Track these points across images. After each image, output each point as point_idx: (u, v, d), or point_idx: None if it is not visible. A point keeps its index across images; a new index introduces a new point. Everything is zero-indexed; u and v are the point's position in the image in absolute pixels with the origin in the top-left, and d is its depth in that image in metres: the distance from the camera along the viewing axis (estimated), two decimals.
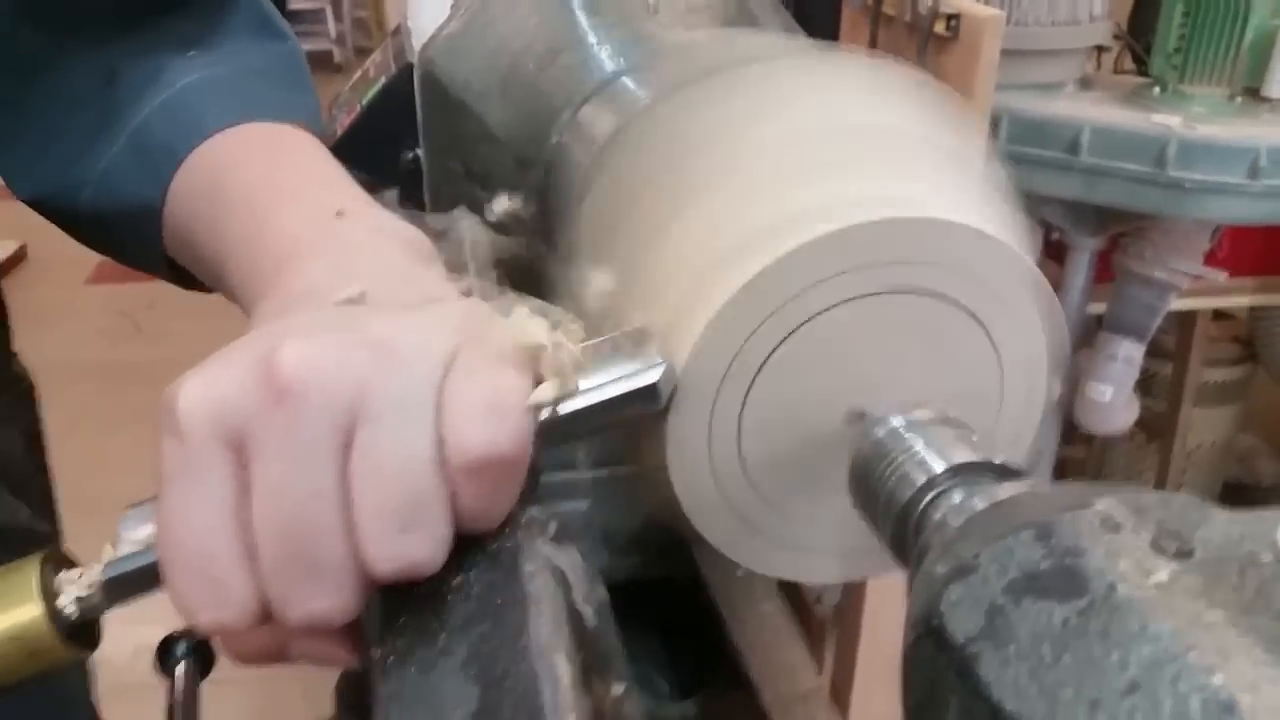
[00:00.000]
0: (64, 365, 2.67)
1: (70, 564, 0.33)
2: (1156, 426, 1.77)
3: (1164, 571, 0.20)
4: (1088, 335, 1.45)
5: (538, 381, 0.32)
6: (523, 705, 0.26)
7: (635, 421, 0.34)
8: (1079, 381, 1.41)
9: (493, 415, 0.29)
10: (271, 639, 0.31)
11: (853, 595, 1.42)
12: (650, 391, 0.32)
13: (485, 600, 0.29)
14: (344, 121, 0.77)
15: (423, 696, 0.28)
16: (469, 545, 0.31)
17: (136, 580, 0.31)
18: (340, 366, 0.28)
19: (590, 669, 0.28)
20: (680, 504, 0.36)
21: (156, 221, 0.48)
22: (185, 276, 0.52)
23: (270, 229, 0.39)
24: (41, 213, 0.53)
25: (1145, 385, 1.81)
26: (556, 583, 0.30)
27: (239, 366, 0.28)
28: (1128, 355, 1.35)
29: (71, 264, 3.49)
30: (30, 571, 0.32)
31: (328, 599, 0.28)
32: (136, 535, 0.31)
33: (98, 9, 0.49)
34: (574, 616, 0.30)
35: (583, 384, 0.32)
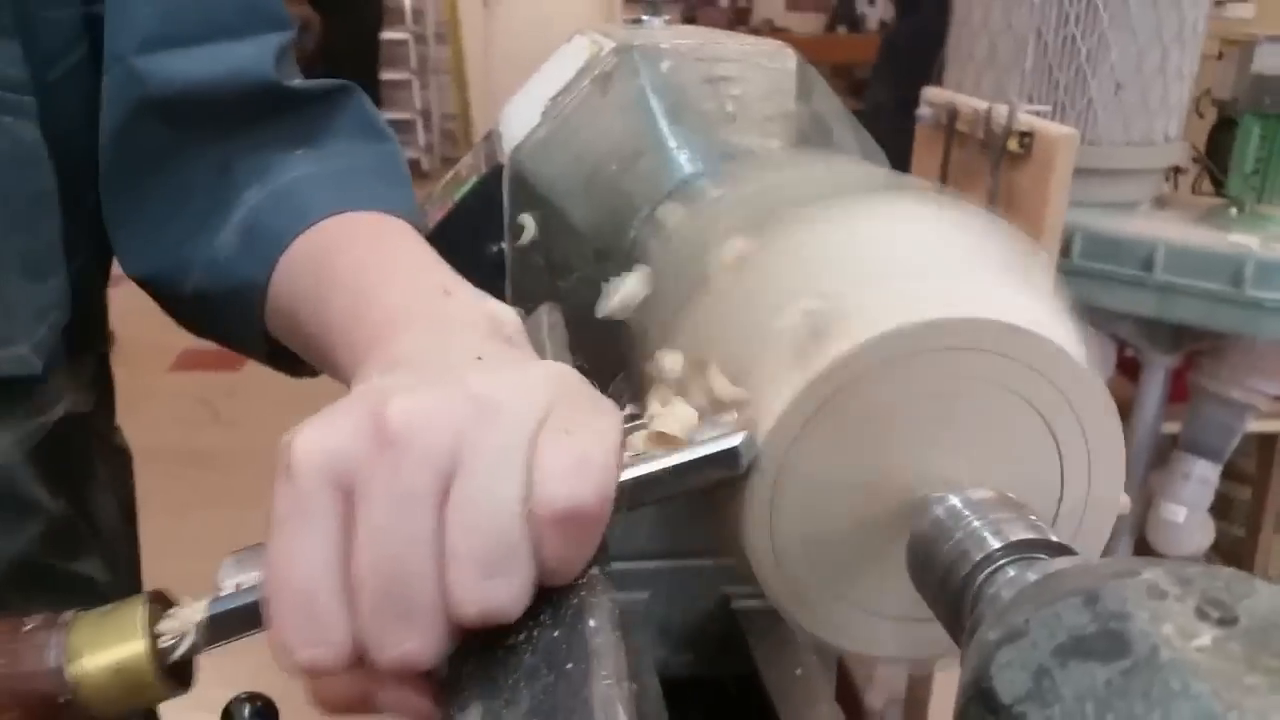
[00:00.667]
0: (142, 449, 2.76)
1: (171, 604, 0.34)
2: (1234, 553, 1.71)
3: (1207, 636, 0.21)
4: (1162, 455, 1.43)
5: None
6: None
7: (709, 488, 0.35)
8: (1152, 501, 1.38)
9: (580, 470, 0.30)
10: (358, 687, 0.32)
11: (913, 718, 1.39)
12: (732, 455, 0.34)
13: (550, 653, 0.31)
14: (436, 216, 0.81)
15: None
16: (536, 599, 0.32)
17: (235, 621, 0.33)
18: (442, 418, 0.30)
19: None
20: (753, 575, 0.37)
21: (260, 301, 0.51)
22: (280, 358, 0.55)
23: (375, 304, 0.41)
24: (148, 291, 0.57)
25: (1223, 509, 1.76)
26: (618, 638, 0.31)
27: (350, 416, 0.30)
28: (1202, 475, 1.33)
29: (157, 350, 3.62)
30: (136, 609, 0.33)
31: (418, 640, 0.30)
32: (235, 580, 0.33)
33: (218, 108, 0.53)
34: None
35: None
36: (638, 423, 0.35)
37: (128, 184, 0.54)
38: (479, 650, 0.32)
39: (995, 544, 0.30)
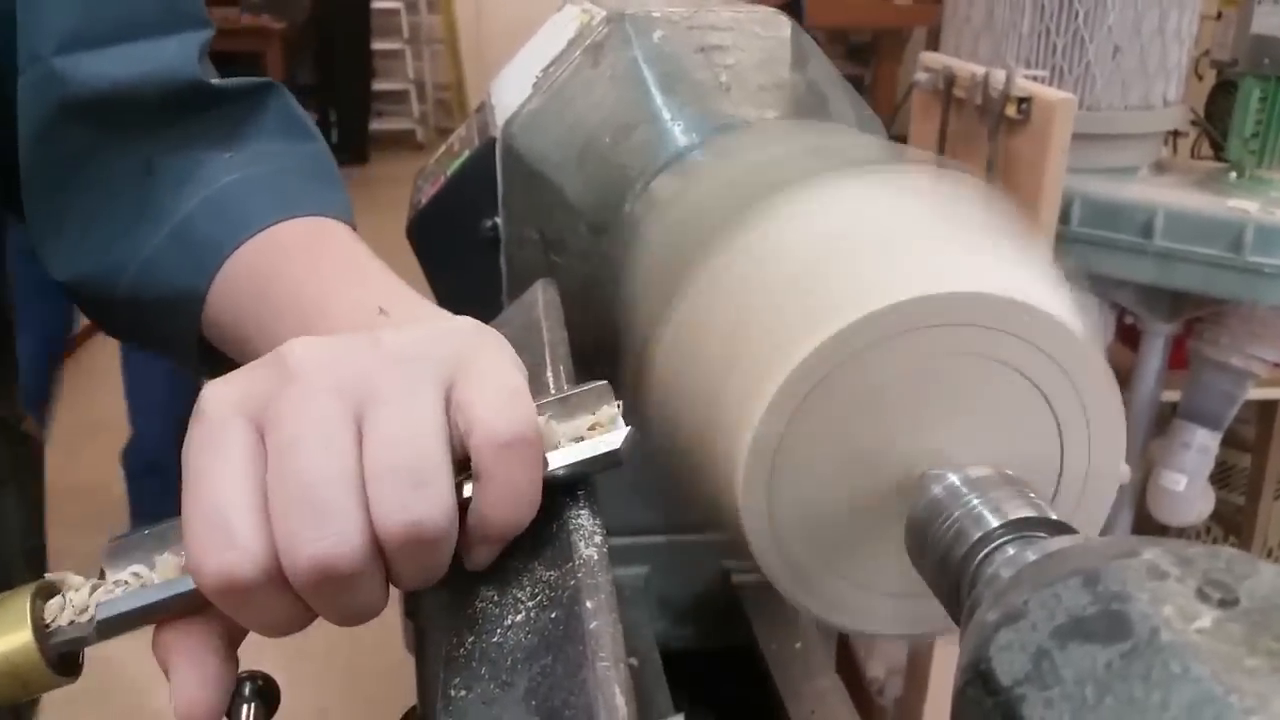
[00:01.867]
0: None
1: (57, 592, 0.34)
2: (1234, 521, 1.72)
3: (1207, 618, 0.21)
4: (1162, 423, 1.43)
5: None
6: None
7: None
8: (1152, 470, 1.38)
9: (513, 401, 0.31)
10: (282, 601, 0.32)
11: (914, 689, 1.39)
12: (614, 457, 0.34)
13: (547, 635, 0.30)
14: (429, 191, 0.81)
15: None
16: (532, 580, 0.32)
17: (124, 622, 0.33)
18: (344, 356, 0.31)
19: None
20: (752, 556, 0.37)
21: (197, 310, 0.50)
22: (211, 363, 0.54)
23: (316, 328, 0.42)
24: (75, 297, 0.55)
25: (1223, 478, 1.77)
26: (616, 620, 0.31)
27: (256, 365, 0.32)
28: (1202, 444, 1.33)
29: None
30: (22, 600, 0.33)
31: (333, 540, 0.29)
32: (124, 569, 0.33)
33: (139, 107, 0.52)
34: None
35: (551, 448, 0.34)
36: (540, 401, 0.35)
37: (50, 186, 0.53)
38: (476, 631, 0.32)
39: (994, 522, 0.30)
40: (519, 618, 0.32)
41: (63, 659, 0.33)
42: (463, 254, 0.74)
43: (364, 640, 1.99)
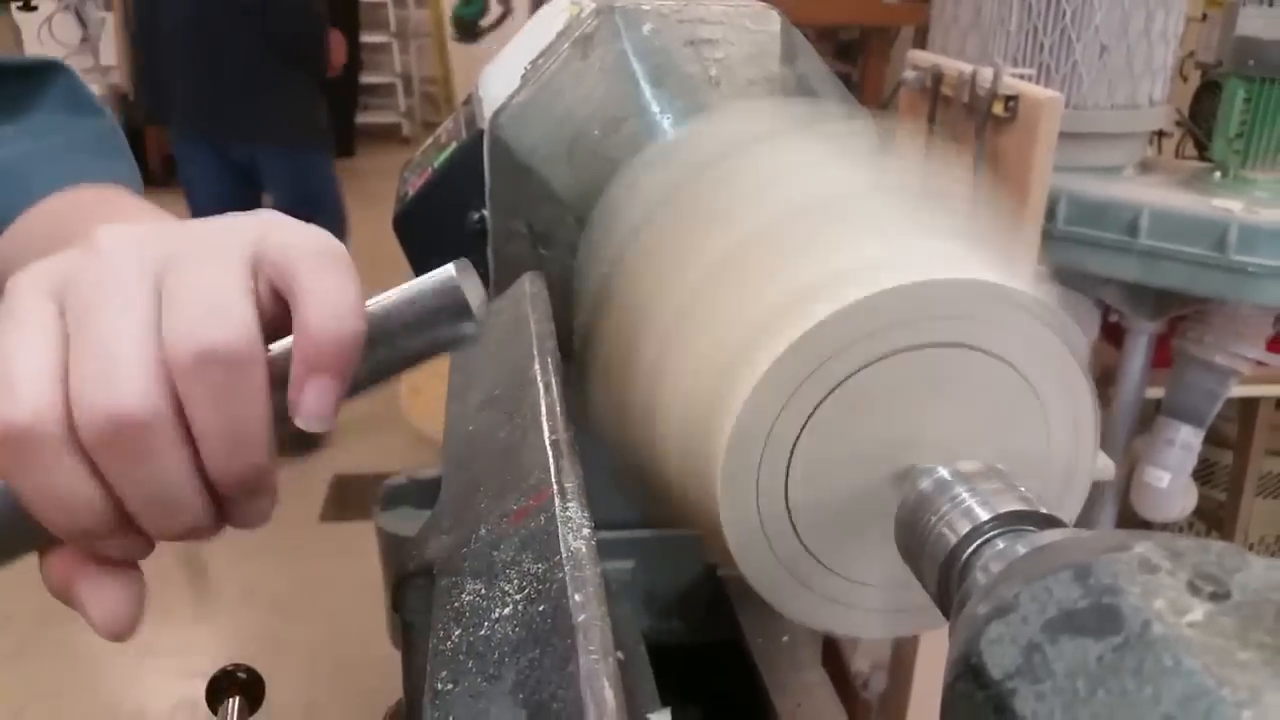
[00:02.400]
0: None
1: None
2: (1216, 517, 1.73)
3: (1199, 611, 0.21)
4: (1145, 420, 1.44)
5: None
6: None
7: (446, 346, 0.33)
8: (1135, 467, 1.39)
9: (318, 232, 0.31)
10: (65, 569, 0.31)
11: (899, 683, 1.40)
12: (454, 292, 0.32)
13: (535, 628, 0.30)
14: (415, 184, 0.80)
15: None
16: (519, 574, 0.32)
17: None
18: (151, 235, 0.31)
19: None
20: (734, 557, 0.37)
21: None
22: None
23: None
24: None
25: (1205, 474, 1.78)
26: (604, 613, 0.30)
27: (60, 254, 0.31)
28: (1186, 441, 1.33)
29: None
30: None
31: (124, 389, 0.28)
32: None
33: None
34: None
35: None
36: None
37: None
38: (463, 624, 0.32)
39: (984, 516, 0.30)
40: (506, 611, 0.32)
41: None
42: (449, 247, 0.74)
43: (350, 634, 1.98)
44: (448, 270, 0.32)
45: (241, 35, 2.76)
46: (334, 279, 0.30)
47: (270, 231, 0.31)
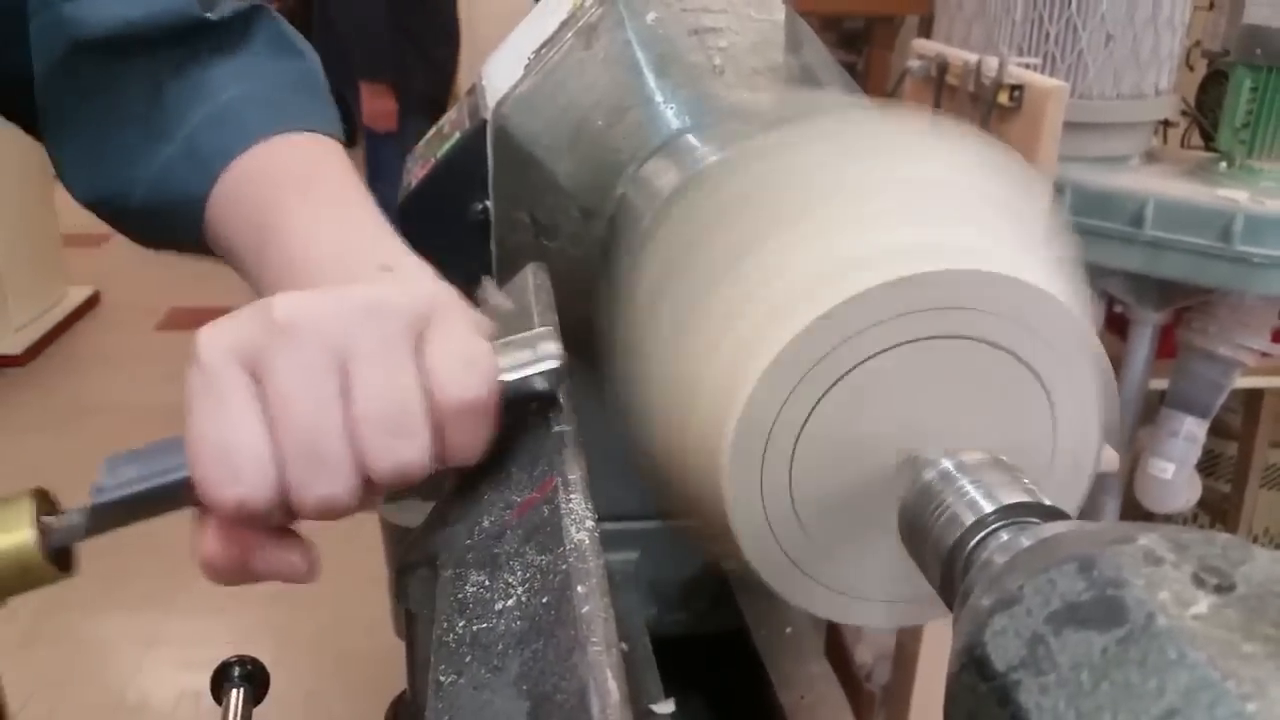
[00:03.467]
0: (132, 407, 2.75)
1: (53, 503, 0.37)
2: (1220, 508, 1.73)
3: (1203, 604, 0.21)
4: (1149, 411, 1.43)
5: None
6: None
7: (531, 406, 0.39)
8: (1140, 458, 1.39)
9: (471, 368, 0.36)
10: (237, 549, 0.36)
11: (902, 674, 1.40)
12: (551, 376, 0.38)
13: (538, 619, 0.30)
14: (418, 173, 0.80)
15: (475, 711, 0.29)
16: (523, 565, 0.32)
17: (119, 511, 0.36)
18: (324, 309, 0.35)
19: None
20: (739, 547, 0.37)
21: (199, 216, 0.54)
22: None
23: (301, 274, 0.45)
24: (97, 213, 0.60)
25: (1209, 466, 1.78)
26: (607, 604, 0.30)
27: (244, 312, 0.35)
28: (1190, 432, 1.33)
29: (144, 310, 3.60)
30: (23, 501, 0.36)
31: (333, 486, 0.34)
32: (118, 475, 0.36)
33: (145, 43, 0.56)
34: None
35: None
36: None
37: (65, 117, 0.57)
38: (467, 616, 0.32)
39: (988, 507, 0.30)
40: (510, 602, 0.32)
41: (59, 554, 0.36)
42: (452, 237, 0.74)
43: (354, 625, 1.99)
44: (547, 372, 0.38)
45: None
46: (471, 427, 0.36)
47: (432, 328, 0.36)
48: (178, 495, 0.35)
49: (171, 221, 0.55)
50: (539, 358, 0.38)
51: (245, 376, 0.34)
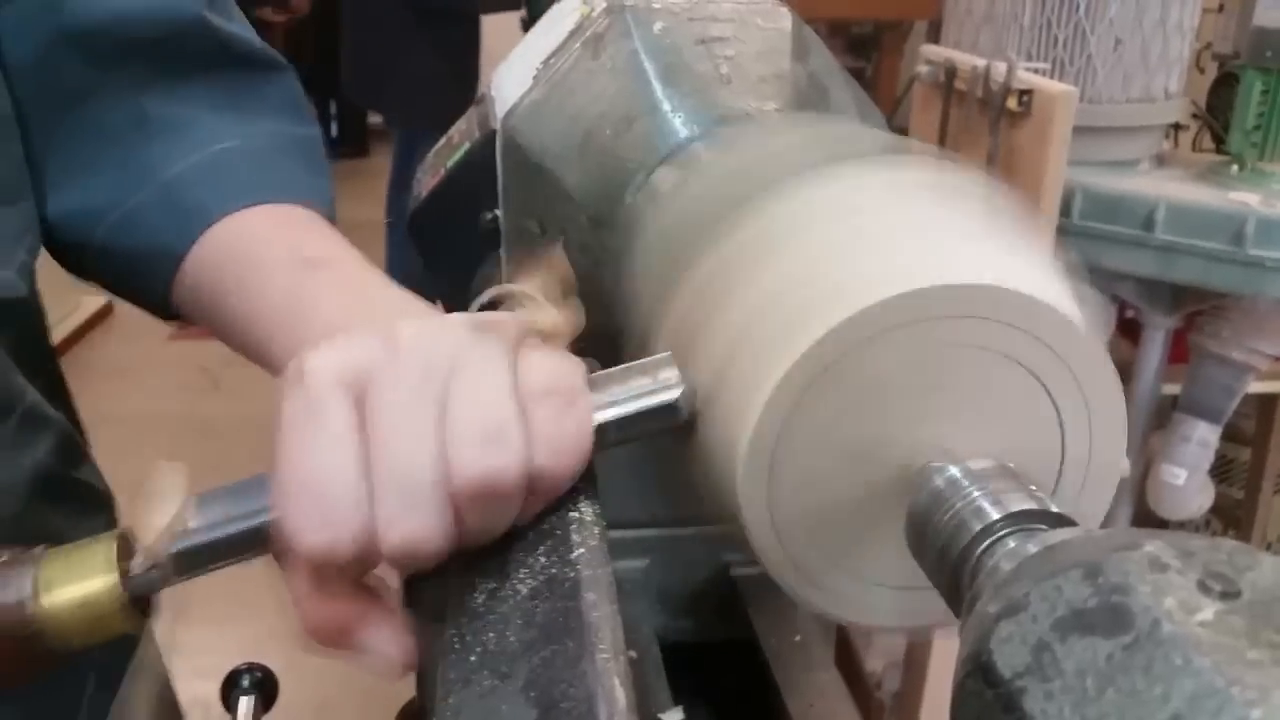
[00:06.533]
0: (144, 418, 2.76)
1: (135, 542, 0.35)
2: (1233, 514, 1.72)
3: (1209, 610, 0.21)
4: (1161, 417, 1.43)
5: None
6: None
7: (655, 435, 0.37)
8: (1152, 464, 1.38)
9: (561, 361, 0.35)
10: (342, 614, 0.34)
11: (912, 682, 1.40)
12: (671, 408, 0.36)
13: (547, 626, 0.30)
14: (428, 184, 0.80)
15: (482, 718, 0.29)
16: (532, 572, 0.32)
17: (202, 555, 0.34)
18: (444, 335, 0.33)
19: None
20: (754, 550, 0.37)
21: (171, 270, 0.51)
22: (165, 310, 0.55)
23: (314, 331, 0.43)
24: (53, 238, 0.55)
25: (1223, 471, 1.77)
26: (615, 612, 0.31)
27: (361, 336, 0.33)
28: (1202, 438, 1.33)
29: (156, 323, 3.61)
30: (106, 544, 0.34)
31: (421, 521, 0.31)
32: (201, 518, 0.34)
33: (142, 45, 0.51)
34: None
35: (610, 399, 0.36)
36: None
37: (43, 123, 0.52)
38: (475, 623, 0.32)
39: (995, 514, 0.30)
40: (518, 609, 0.32)
41: (139, 603, 0.34)
42: (463, 247, 0.74)
43: None
44: (670, 386, 0.36)
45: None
46: (568, 419, 0.34)
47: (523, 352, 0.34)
48: (266, 539, 0.33)
49: (135, 267, 0.51)
50: (658, 386, 0.36)
51: (348, 399, 0.32)
